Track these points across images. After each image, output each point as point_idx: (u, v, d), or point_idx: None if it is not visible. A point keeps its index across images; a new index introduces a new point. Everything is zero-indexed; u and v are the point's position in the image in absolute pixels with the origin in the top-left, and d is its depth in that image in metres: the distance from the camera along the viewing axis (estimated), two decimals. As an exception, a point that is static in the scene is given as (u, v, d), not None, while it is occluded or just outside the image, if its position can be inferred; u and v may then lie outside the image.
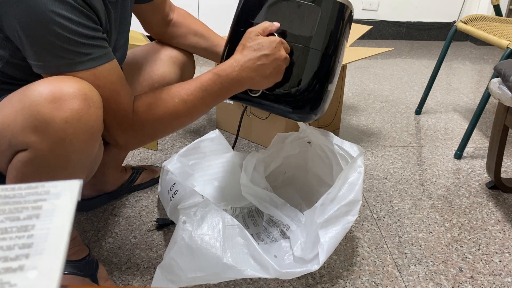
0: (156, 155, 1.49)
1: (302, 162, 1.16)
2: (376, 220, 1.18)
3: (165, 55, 1.10)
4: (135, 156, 1.49)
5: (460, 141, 1.57)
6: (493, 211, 1.23)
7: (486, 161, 1.37)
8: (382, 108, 2.01)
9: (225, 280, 0.84)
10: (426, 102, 2.09)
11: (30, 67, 0.69)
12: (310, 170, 1.16)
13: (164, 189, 1.07)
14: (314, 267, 0.84)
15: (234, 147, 1.16)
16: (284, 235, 0.98)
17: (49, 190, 0.31)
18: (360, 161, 0.93)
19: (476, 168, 1.47)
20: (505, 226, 1.17)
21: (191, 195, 0.93)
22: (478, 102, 1.50)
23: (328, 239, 0.85)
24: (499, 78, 1.15)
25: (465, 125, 1.84)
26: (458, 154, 1.53)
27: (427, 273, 0.99)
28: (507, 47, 1.42)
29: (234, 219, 0.86)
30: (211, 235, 0.83)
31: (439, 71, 2.23)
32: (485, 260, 1.04)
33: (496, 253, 1.06)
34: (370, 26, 1.72)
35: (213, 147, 1.16)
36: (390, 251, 1.06)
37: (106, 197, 1.21)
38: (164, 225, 1.12)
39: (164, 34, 1.10)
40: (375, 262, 1.02)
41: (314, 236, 0.86)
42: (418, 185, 1.36)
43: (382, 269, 1.00)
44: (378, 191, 1.32)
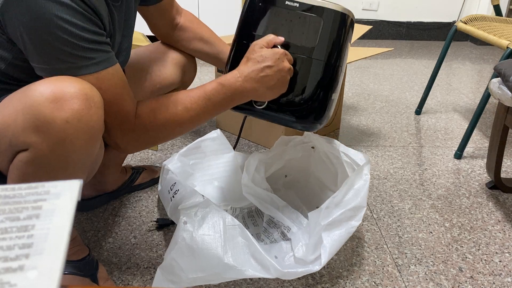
0: (156, 155, 1.49)
1: (304, 166, 1.16)
2: (376, 220, 1.18)
3: (167, 57, 1.10)
4: (135, 156, 1.49)
5: (460, 141, 1.57)
6: (493, 211, 1.23)
7: (486, 161, 1.37)
8: (382, 108, 2.01)
9: (226, 280, 0.83)
10: (426, 102, 2.09)
11: (32, 69, 0.69)
12: (312, 174, 1.16)
13: (164, 188, 1.07)
14: (316, 268, 0.84)
15: (235, 148, 1.16)
16: (284, 237, 0.97)
17: (49, 190, 0.31)
18: (366, 169, 0.94)
19: (476, 168, 1.47)
20: (505, 226, 1.17)
21: (192, 195, 0.93)
22: (478, 102, 1.50)
23: (331, 241, 0.86)
24: (499, 78, 1.15)
25: (465, 125, 1.84)
26: (458, 154, 1.53)
27: (427, 273, 0.99)
28: (507, 47, 1.42)
29: (235, 219, 0.85)
30: (212, 235, 0.83)
31: (439, 71, 2.23)
32: (485, 260, 1.04)
33: (496, 253, 1.06)
34: (370, 26, 1.72)
35: (214, 147, 1.16)
36: (390, 251, 1.06)
37: (106, 197, 1.21)
38: (164, 225, 1.12)
39: (170, 37, 1.10)
40: (375, 262, 1.02)
41: (317, 237, 0.86)
42: (418, 185, 1.36)
43: (382, 269, 1.00)
44: (378, 191, 1.32)
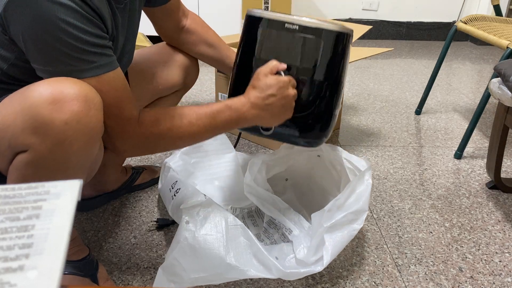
0: (156, 155, 1.49)
1: (307, 172, 1.15)
2: (376, 220, 1.18)
3: (171, 59, 1.11)
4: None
5: (460, 141, 1.57)
6: (493, 211, 1.23)
7: (486, 161, 1.37)
8: (382, 108, 2.01)
9: (228, 280, 0.83)
10: (426, 102, 2.09)
11: (34, 70, 0.69)
12: (314, 181, 1.16)
13: (165, 186, 1.06)
14: (318, 268, 0.84)
15: (235, 147, 1.16)
16: (285, 238, 0.97)
17: (49, 190, 0.31)
18: (368, 175, 0.95)
19: (476, 168, 1.47)
20: (505, 226, 1.17)
21: (194, 194, 0.93)
22: (478, 102, 1.50)
23: (333, 243, 0.86)
24: (499, 78, 1.15)
25: (465, 125, 1.84)
26: (458, 154, 1.53)
27: (427, 273, 0.99)
28: (507, 47, 1.42)
29: (237, 219, 0.86)
30: (214, 235, 0.83)
31: (439, 71, 2.23)
32: (485, 260, 1.04)
33: (496, 253, 1.06)
34: (370, 26, 1.72)
35: (215, 147, 1.16)
36: (390, 251, 1.06)
37: (106, 197, 1.21)
38: (164, 225, 1.12)
39: (175, 39, 1.10)
40: (375, 262, 1.02)
41: (319, 239, 0.86)
42: (418, 185, 1.36)
43: (382, 269, 1.00)
44: (378, 191, 1.32)
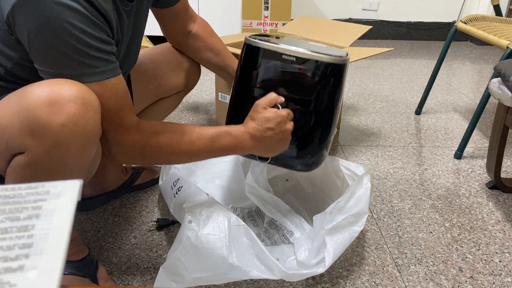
0: (156, 155, 1.49)
1: (308, 174, 1.15)
2: (376, 220, 1.18)
3: (173, 61, 1.11)
4: (135, 156, 1.48)
5: (460, 141, 1.57)
6: (493, 211, 1.23)
7: (486, 161, 1.37)
8: (382, 108, 2.01)
9: (230, 281, 0.83)
10: (426, 102, 2.09)
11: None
12: (315, 182, 1.16)
13: (166, 183, 1.06)
14: (320, 270, 0.84)
15: None
16: (285, 240, 0.97)
17: (49, 190, 0.31)
18: (366, 179, 0.96)
19: (476, 168, 1.47)
20: (505, 226, 1.17)
21: (196, 193, 0.93)
22: (478, 102, 1.50)
23: (334, 245, 0.87)
24: (499, 78, 1.15)
25: (465, 125, 1.84)
26: (458, 154, 1.53)
27: (427, 273, 0.99)
28: (507, 47, 1.42)
29: (240, 219, 0.85)
30: (217, 235, 0.83)
31: (439, 71, 2.23)
32: (485, 260, 1.04)
33: (496, 253, 1.06)
34: (370, 26, 1.72)
35: None
36: (390, 251, 1.06)
37: (106, 196, 1.21)
38: (164, 225, 1.11)
39: (180, 43, 1.11)
40: (375, 262, 1.02)
41: (321, 241, 0.87)
42: (418, 185, 1.36)
43: (382, 269, 1.00)
44: (378, 191, 1.32)
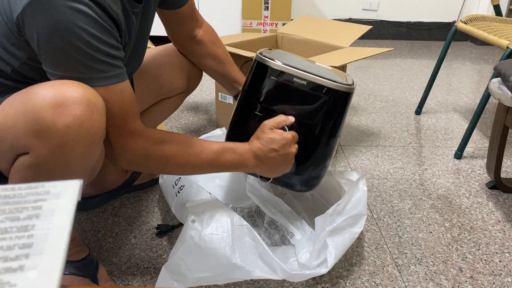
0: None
1: None
2: (376, 220, 1.18)
3: (176, 62, 1.11)
4: (135, 156, 1.48)
5: (460, 141, 1.57)
6: (493, 211, 1.23)
7: (486, 161, 1.37)
8: (382, 108, 2.01)
9: (232, 281, 0.83)
10: (426, 102, 2.09)
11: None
12: (316, 189, 1.16)
13: (168, 182, 1.06)
14: (323, 270, 0.84)
15: None
16: (286, 241, 0.97)
17: (49, 190, 0.31)
18: (362, 183, 0.97)
19: (476, 168, 1.47)
20: (505, 226, 1.17)
21: (198, 192, 0.93)
22: (478, 102, 1.50)
23: (335, 246, 0.87)
24: (499, 78, 1.15)
25: (465, 125, 1.84)
26: (458, 154, 1.53)
27: (427, 273, 0.99)
28: (507, 47, 1.42)
29: (243, 219, 0.86)
30: (220, 235, 0.83)
31: (439, 71, 2.23)
32: (485, 260, 1.04)
33: (496, 253, 1.06)
34: (370, 26, 1.72)
35: None
36: (390, 251, 1.06)
37: (106, 196, 1.21)
38: (166, 231, 1.10)
39: (184, 47, 1.11)
40: (375, 262, 1.02)
41: (322, 242, 0.87)
42: (418, 185, 1.36)
43: (382, 269, 1.00)
44: (378, 191, 1.32)
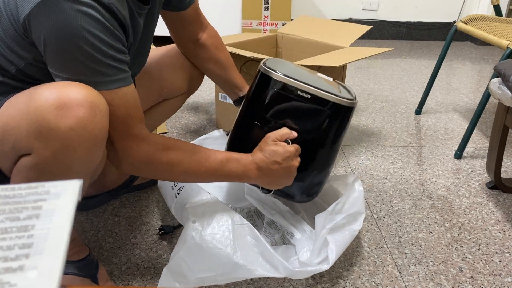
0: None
1: None
2: (376, 220, 1.18)
3: (178, 63, 1.11)
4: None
5: (460, 141, 1.57)
6: (493, 211, 1.23)
7: (486, 161, 1.37)
8: (382, 108, 2.01)
9: (234, 280, 0.83)
10: (426, 102, 2.09)
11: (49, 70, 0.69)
12: None
13: (167, 183, 1.06)
14: (325, 267, 0.85)
15: None
16: (286, 241, 0.97)
17: (49, 190, 0.31)
18: (357, 184, 0.98)
19: (476, 168, 1.47)
20: (505, 226, 1.17)
21: (198, 193, 0.93)
22: (478, 102, 1.50)
23: (336, 243, 0.88)
24: (499, 78, 1.15)
25: (465, 125, 1.84)
26: (458, 154, 1.53)
27: (427, 273, 0.99)
28: (507, 47, 1.42)
29: (243, 218, 0.86)
30: (221, 234, 0.83)
31: (439, 71, 2.23)
32: (485, 260, 1.04)
33: (496, 253, 1.06)
34: (370, 26, 1.72)
35: (215, 146, 1.16)
36: (390, 251, 1.06)
37: (106, 196, 1.21)
38: (169, 232, 1.10)
39: (187, 50, 1.11)
40: (375, 262, 1.02)
41: (323, 240, 0.87)
42: (418, 185, 1.36)
43: (382, 269, 1.00)
44: (378, 191, 1.32)
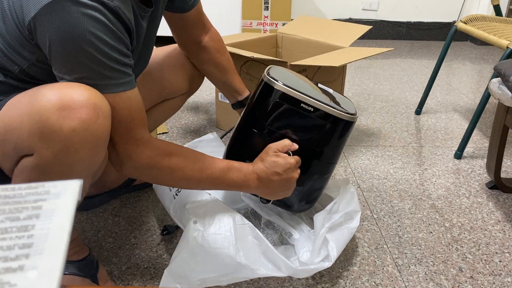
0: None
1: None
2: (376, 220, 1.18)
3: (179, 64, 1.11)
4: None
5: (460, 141, 1.57)
6: (493, 211, 1.23)
7: (486, 161, 1.37)
8: (382, 108, 2.01)
9: (237, 281, 0.83)
10: (426, 102, 2.09)
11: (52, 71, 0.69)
12: None
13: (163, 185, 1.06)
14: (326, 264, 0.85)
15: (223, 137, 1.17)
16: (284, 241, 0.97)
17: (49, 190, 0.31)
18: (349, 186, 1.00)
19: (476, 168, 1.47)
20: (505, 226, 1.17)
21: (198, 193, 0.93)
22: (478, 102, 1.50)
23: (336, 241, 0.89)
24: (499, 78, 1.15)
25: (465, 125, 1.84)
26: (458, 154, 1.53)
27: (427, 273, 0.99)
28: (507, 47, 1.42)
29: (244, 218, 0.86)
30: (223, 234, 0.83)
31: (439, 71, 2.23)
32: (485, 260, 1.04)
33: (496, 253, 1.06)
34: (370, 26, 1.72)
35: (210, 149, 1.16)
36: (390, 251, 1.06)
37: (106, 196, 1.21)
38: (173, 232, 1.10)
39: (188, 51, 1.11)
40: (375, 262, 1.02)
41: (323, 238, 0.88)
42: (418, 185, 1.36)
43: (382, 269, 1.00)
44: (378, 191, 1.32)
